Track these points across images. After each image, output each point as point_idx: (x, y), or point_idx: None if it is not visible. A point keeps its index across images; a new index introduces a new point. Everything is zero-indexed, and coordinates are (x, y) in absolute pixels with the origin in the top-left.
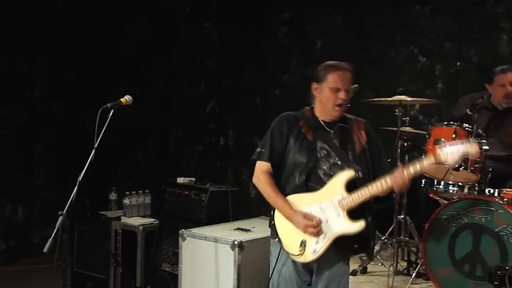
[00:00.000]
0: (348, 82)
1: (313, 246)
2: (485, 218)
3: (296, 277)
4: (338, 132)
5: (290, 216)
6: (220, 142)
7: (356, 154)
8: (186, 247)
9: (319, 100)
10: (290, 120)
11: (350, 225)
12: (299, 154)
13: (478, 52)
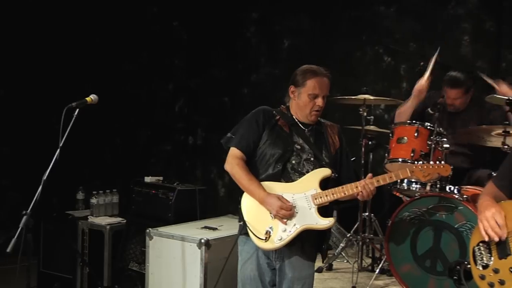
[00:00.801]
0: (326, 88)
1: (279, 234)
2: (446, 215)
3: (260, 275)
4: (313, 131)
5: (264, 198)
6: (189, 141)
7: (330, 155)
8: (153, 246)
9: (296, 103)
10: (267, 112)
11: (319, 219)
12: (275, 144)
13: (441, 52)
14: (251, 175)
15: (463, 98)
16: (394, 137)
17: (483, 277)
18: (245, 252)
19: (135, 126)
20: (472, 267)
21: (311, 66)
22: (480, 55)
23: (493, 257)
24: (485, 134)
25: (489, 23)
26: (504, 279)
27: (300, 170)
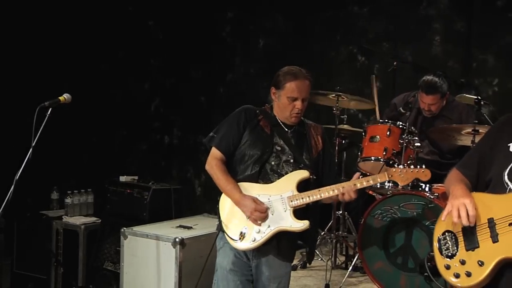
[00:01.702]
0: (306, 91)
1: (253, 235)
2: (417, 212)
3: (235, 268)
4: (296, 133)
5: (239, 199)
6: (165, 140)
7: (311, 157)
8: (127, 245)
9: (277, 105)
10: (249, 112)
11: (294, 222)
12: (254, 145)
13: (413, 52)
14: (228, 176)
15: (439, 104)
16: (367, 136)
17: (448, 267)
18: (223, 248)
19: (111, 126)
20: (437, 256)
21: (292, 68)
22: (451, 55)
23: (460, 248)
24: (455, 132)
25: (459, 24)
26: (471, 271)
27: (279, 171)
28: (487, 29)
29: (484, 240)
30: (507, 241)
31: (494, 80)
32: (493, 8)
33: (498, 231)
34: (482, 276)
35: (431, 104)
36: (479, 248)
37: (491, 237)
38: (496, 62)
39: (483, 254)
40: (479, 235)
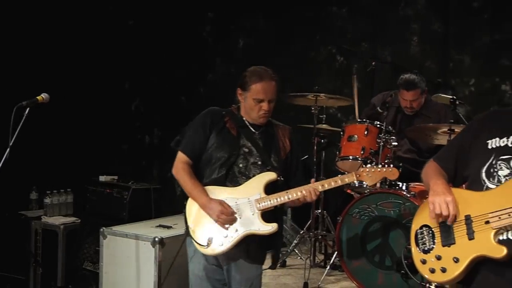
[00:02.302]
0: (272, 92)
1: (221, 239)
2: (394, 211)
3: (208, 275)
4: (263, 134)
5: (206, 203)
6: (146, 140)
7: (279, 159)
8: (107, 245)
9: (243, 106)
10: (215, 114)
11: (262, 225)
12: (221, 148)
13: (392, 52)
14: (195, 180)
15: (420, 99)
16: (345, 135)
17: (425, 262)
18: (194, 253)
19: (91, 125)
20: (414, 250)
21: (258, 69)
22: (428, 55)
23: (436, 243)
24: (432, 132)
25: (437, 24)
26: (446, 267)
27: (247, 174)
28: (464, 30)
29: (460, 236)
30: (482, 239)
31: (471, 80)
32: (469, 9)
33: (474, 229)
34: (457, 273)
35: (413, 100)
36: (455, 245)
37: (467, 234)
38: (472, 62)
39: (459, 250)
40: (455, 231)
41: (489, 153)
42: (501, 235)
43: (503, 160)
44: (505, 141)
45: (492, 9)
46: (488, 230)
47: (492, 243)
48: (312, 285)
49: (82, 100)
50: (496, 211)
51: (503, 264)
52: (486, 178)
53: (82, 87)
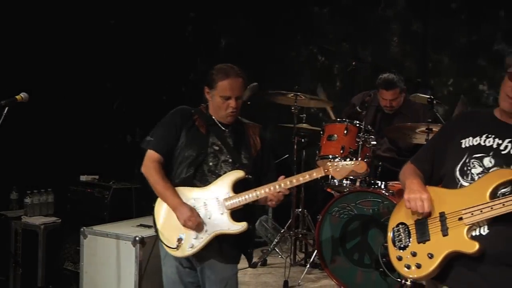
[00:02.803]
0: (239, 89)
1: (191, 241)
2: (373, 209)
3: (181, 277)
4: (233, 132)
5: (176, 206)
6: (127, 139)
7: (250, 156)
8: (87, 245)
9: (211, 104)
10: (185, 113)
11: (232, 224)
12: (190, 146)
13: (372, 52)
14: (166, 180)
15: (399, 98)
16: (325, 134)
17: (400, 259)
18: (164, 255)
19: (72, 125)
20: (390, 247)
21: (224, 66)
22: (408, 55)
23: (412, 240)
24: (410, 131)
25: (416, 25)
26: (421, 263)
27: (217, 172)
28: (442, 31)
29: (435, 233)
30: (456, 235)
31: (449, 80)
32: (447, 11)
33: (448, 225)
34: (431, 268)
35: (392, 99)
36: (430, 241)
37: (442, 231)
38: (451, 62)
39: (433, 247)
40: (430, 228)
41: (463, 152)
42: (474, 231)
43: (476, 158)
44: (478, 140)
45: (469, 10)
46: (461, 226)
47: (465, 238)
48: (292, 283)
49: (63, 99)
50: (468, 207)
51: (475, 259)
52: (460, 176)
53: (63, 86)
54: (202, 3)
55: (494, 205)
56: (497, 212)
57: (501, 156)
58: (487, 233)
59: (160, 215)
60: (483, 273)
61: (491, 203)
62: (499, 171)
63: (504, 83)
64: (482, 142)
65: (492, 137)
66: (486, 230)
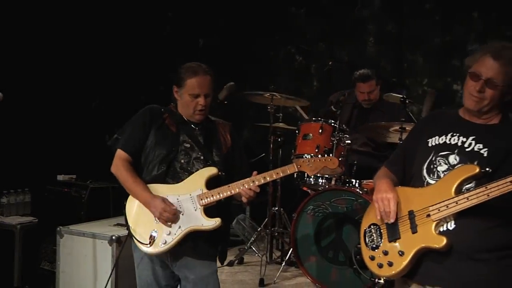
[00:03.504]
0: (207, 87)
1: (164, 237)
2: (347, 207)
3: (156, 280)
4: (204, 130)
5: (148, 200)
6: (106, 139)
7: (221, 154)
8: (63, 244)
9: (180, 103)
10: (154, 111)
11: (205, 220)
12: (160, 145)
13: (348, 52)
14: (136, 177)
15: (376, 90)
16: (300, 133)
17: (373, 258)
18: (138, 257)
19: (50, 124)
20: (363, 248)
21: (192, 64)
22: (383, 55)
23: (383, 240)
24: (384, 130)
25: (391, 25)
26: (392, 261)
27: (189, 169)
28: (417, 31)
29: (404, 231)
30: (424, 231)
31: (424, 80)
32: (421, 11)
33: (417, 223)
34: (403, 265)
35: (370, 91)
36: (400, 239)
37: (411, 228)
38: (425, 62)
39: (404, 244)
40: (400, 227)
41: (429, 150)
42: (442, 226)
43: (442, 156)
44: (444, 138)
45: (442, 11)
46: (430, 223)
47: (433, 234)
48: (268, 281)
49: (41, 99)
50: (435, 204)
51: (443, 254)
52: (427, 174)
53: (40, 85)
54: (181, 3)
55: (459, 200)
56: (462, 206)
57: (466, 153)
58: (454, 228)
59: (132, 212)
60: (450, 267)
61: (456, 198)
62: (463, 167)
63: (466, 83)
64: (448, 140)
65: (457, 136)
66: (453, 225)
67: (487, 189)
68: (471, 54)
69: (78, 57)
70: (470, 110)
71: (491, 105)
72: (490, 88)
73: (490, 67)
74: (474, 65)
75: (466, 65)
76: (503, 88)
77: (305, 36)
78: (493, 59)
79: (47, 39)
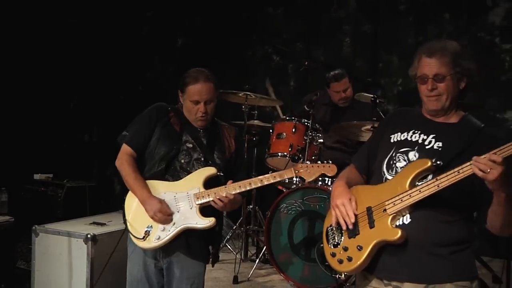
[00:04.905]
0: (208, 94)
1: (158, 233)
2: (319, 205)
3: (147, 276)
4: (208, 132)
5: (145, 199)
6: (85, 138)
7: (223, 158)
8: (39, 243)
9: (184, 107)
10: (161, 109)
11: (200, 219)
12: (162, 142)
13: (325, 53)
14: (138, 173)
15: (350, 88)
16: (274, 132)
17: (334, 255)
18: (134, 252)
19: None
20: (325, 245)
21: (194, 71)
22: (359, 55)
23: (344, 237)
24: (356, 129)
25: (367, 26)
26: (352, 256)
27: (189, 169)
28: (391, 32)
29: (363, 227)
30: (381, 225)
31: (398, 80)
32: (396, 12)
33: (374, 217)
34: (361, 260)
35: (344, 89)
36: (359, 235)
37: (369, 224)
38: (400, 62)
39: (362, 239)
40: (359, 223)
41: (391, 146)
42: (398, 220)
43: (402, 152)
44: (405, 135)
45: (416, 12)
46: (386, 217)
47: (389, 227)
48: (242, 278)
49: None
50: (391, 198)
51: (398, 247)
52: (386, 170)
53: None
54: (159, 3)
55: (412, 193)
56: (415, 198)
57: (425, 150)
58: (409, 222)
59: (131, 207)
60: (405, 261)
61: (410, 191)
62: (417, 161)
63: (419, 90)
64: (409, 137)
65: (418, 133)
66: (409, 219)
67: (437, 180)
68: None
69: (56, 57)
70: (433, 110)
71: (450, 97)
72: (440, 82)
73: (430, 65)
74: (417, 71)
75: (411, 75)
76: (452, 77)
77: (282, 36)
78: (429, 57)
79: (25, 39)
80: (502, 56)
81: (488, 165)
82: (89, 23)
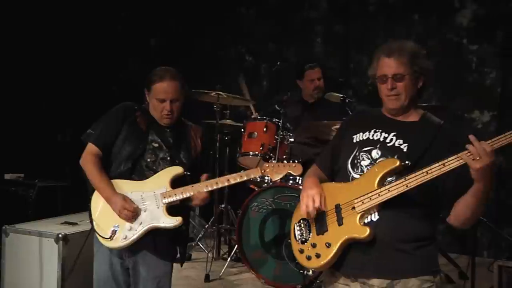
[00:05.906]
0: (173, 92)
1: (125, 233)
2: (290, 204)
3: (114, 276)
4: (174, 131)
5: (110, 196)
6: (58, 138)
7: (189, 157)
8: (9, 243)
9: (150, 105)
10: (128, 109)
11: (167, 218)
12: (128, 142)
13: (297, 53)
14: (102, 172)
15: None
16: (246, 132)
17: (302, 251)
18: (99, 251)
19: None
20: (293, 242)
21: (160, 70)
22: (331, 55)
23: (312, 233)
24: (326, 128)
25: (338, 26)
26: (320, 253)
27: (155, 168)
28: (362, 32)
29: (331, 224)
30: (350, 223)
31: (369, 80)
32: (366, 13)
33: (343, 215)
34: (329, 256)
35: (319, 77)
36: (328, 232)
37: (337, 221)
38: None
39: (330, 236)
40: (328, 220)
41: (354, 146)
42: (366, 218)
43: (365, 151)
44: (367, 134)
45: (386, 13)
46: (354, 215)
47: (358, 225)
48: (214, 277)
49: None
50: (360, 196)
51: (367, 245)
52: (351, 169)
53: None
54: (132, 3)
55: (381, 192)
56: (384, 197)
57: (387, 148)
58: (377, 219)
59: (98, 207)
60: (372, 257)
61: (379, 190)
62: (385, 161)
63: (379, 90)
64: (371, 136)
65: (380, 132)
66: (377, 216)
67: (406, 180)
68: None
69: (28, 57)
70: (393, 109)
71: (409, 96)
72: (399, 81)
73: (389, 65)
74: (377, 71)
75: (370, 76)
76: (410, 76)
77: (255, 36)
78: (387, 57)
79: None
80: (470, 57)
81: (479, 151)
82: (62, 23)
